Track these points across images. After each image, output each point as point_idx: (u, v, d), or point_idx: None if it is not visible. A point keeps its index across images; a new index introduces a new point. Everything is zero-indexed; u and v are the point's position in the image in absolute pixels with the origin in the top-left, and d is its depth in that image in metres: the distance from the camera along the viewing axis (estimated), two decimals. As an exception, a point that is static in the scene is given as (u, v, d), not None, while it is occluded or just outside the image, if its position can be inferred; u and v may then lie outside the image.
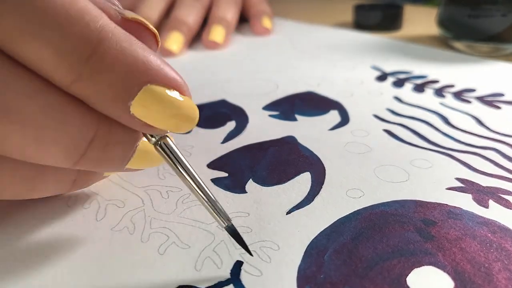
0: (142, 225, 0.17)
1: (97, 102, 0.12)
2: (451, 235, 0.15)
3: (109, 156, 0.13)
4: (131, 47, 0.12)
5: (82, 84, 0.12)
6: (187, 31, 0.40)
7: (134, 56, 0.12)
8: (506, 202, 0.17)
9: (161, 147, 0.13)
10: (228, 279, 0.14)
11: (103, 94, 0.12)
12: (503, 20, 0.32)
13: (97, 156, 0.13)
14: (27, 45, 0.11)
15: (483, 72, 0.31)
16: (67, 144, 0.12)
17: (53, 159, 0.12)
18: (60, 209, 0.18)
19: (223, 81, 0.32)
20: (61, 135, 0.12)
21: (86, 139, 0.12)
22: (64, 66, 0.11)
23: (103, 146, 0.13)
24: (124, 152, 0.13)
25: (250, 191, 0.18)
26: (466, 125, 0.24)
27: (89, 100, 0.12)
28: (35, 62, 0.11)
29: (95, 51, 0.11)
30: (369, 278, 0.14)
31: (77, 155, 0.12)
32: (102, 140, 0.13)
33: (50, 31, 0.11)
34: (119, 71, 0.12)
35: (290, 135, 0.23)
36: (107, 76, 0.12)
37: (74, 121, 0.12)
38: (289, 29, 0.47)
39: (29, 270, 0.15)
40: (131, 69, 0.12)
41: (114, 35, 0.12)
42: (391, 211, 0.17)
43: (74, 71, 0.11)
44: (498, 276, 0.13)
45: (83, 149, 0.12)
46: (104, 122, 0.13)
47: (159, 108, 0.12)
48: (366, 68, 0.33)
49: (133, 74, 0.12)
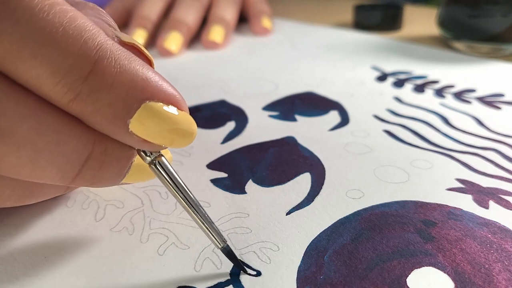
0: (142, 225, 0.17)
1: (96, 121, 0.12)
2: (451, 236, 0.15)
3: (104, 174, 0.13)
4: (130, 64, 0.12)
5: (80, 103, 0.11)
6: (186, 31, 0.40)
7: (133, 73, 0.12)
8: (507, 203, 0.17)
9: (155, 166, 0.13)
10: (228, 280, 0.14)
11: (102, 112, 0.12)
12: (503, 20, 0.32)
13: (92, 174, 0.13)
14: (24, 64, 0.11)
15: (483, 72, 0.31)
16: (63, 164, 0.12)
17: (49, 179, 0.12)
18: (59, 210, 0.18)
19: (222, 81, 0.32)
20: (57, 156, 0.12)
21: (82, 159, 0.12)
22: (62, 85, 0.11)
23: (99, 164, 0.13)
24: (119, 169, 0.13)
25: (249, 191, 0.18)
26: (466, 125, 0.24)
27: (87, 119, 0.12)
28: (32, 81, 0.11)
29: (94, 69, 0.11)
30: (369, 279, 0.14)
31: (73, 174, 0.12)
32: (98, 159, 0.13)
33: (48, 50, 0.11)
34: (119, 89, 0.11)
35: (290, 135, 0.23)
36: (107, 94, 0.11)
37: (70, 141, 0.12)
38: (289, 29, 0.47)
39: (28, 270, 0.15)
40: (131, 87, 0.12)
41: (113, 52, 0.12)
42: (391, 212, 0.17)
43: (73, 90, 0.11)
44: (498, 277, 0.13)
45: (78, 169, 0.12)
46: (100, 140, 0.12)
47: (158, 125, 0.12)
48: (366, 68, 0.33)
49: (132, 92, 0.12)
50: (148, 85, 0.12)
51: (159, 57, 0.38)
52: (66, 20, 0.11)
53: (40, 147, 0.11)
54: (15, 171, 0.12)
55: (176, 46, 0.39)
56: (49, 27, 0.11)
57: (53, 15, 0.11)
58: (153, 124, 0.12)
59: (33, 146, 0.11)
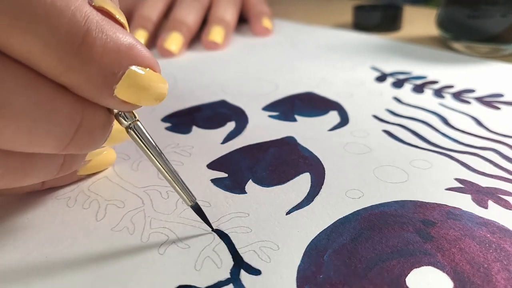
0: (142, 225, 0.17)
1: (86, 90, 0.12)
2: (451, 236, 0.15)
3: (92, 139, 0.14)
4: (115, 34, 0.12)
5: (72, 74, 0.12)
6: (187, 31, 0.40)
7: (118, 42, 0.12)
8: (505, 203, 0.17)
9: (132, 130, 0.14)
10: (228, 279, 0.14)
11: (92, 81, 0.12)
12: (503, 20, 0.32)
13: (83, 140, 0.13)
14: (16, 39, 0.11)
15: (482, 72, 0.31)
16: (58, 132, 0.13)
17: (44, 148, 0.13)
18: (60, 209, 0.18)
19: (223, 82, 0.32)
20: (53, 124, 0.12)
21: (75, 126, 0.13)
22: (54, 58, 0.11)
23: (89, 130, 0.13)
24: (104, 133, 0.14)
25: (249, 191, 0.19)
26: (466, 125, 0.24)
27: (77, 88, 0.12)
28: (25, 55, 0.11)
29: (83, 41, 0.12)
30: (369, 278, 0.14)
31: (66, 141, 0.13)
32: (88, 125, 0.13)
33: (38, 24, 0.11)
34: (107, 59, 0.12)
35: (289, 135, 0.23)
36: (96, 65, 0.12)
37: (64, 109, 0.12)
38: (289, 29, 0.47)
39: (29, 270, 0.15)
40: (117, 56, 0.12)
41: (99, 22, 0.12)
42: (390, 211, 0.17)
43: (65, 62, 0.12)
44: (497, 276, 0.13)
45: (71, 136, 0.13)
46: (89, 108, 0.13)
47: (140, 87, 0.13)
48: (365, 68, 0.33)
49: (119, 60, 0.12)
50: (131, 52, 0.13)
51: (159, 57, 0.38)
52: None
53: (37, 116, 0.12)
54: (13, 142, 0.12)
55: (176, 47, 0.39)
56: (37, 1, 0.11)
57: None
58: (136, 88, 0.13)
59: (30, 116, 0.12)
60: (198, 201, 0.18)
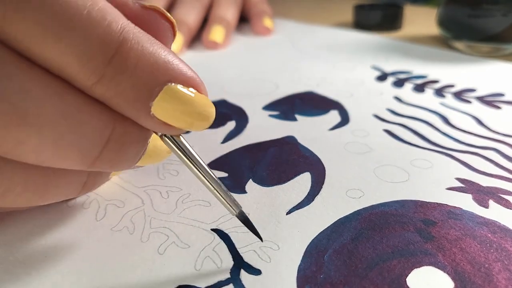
0: (142, 225, 0.17)
1: (118, 103, 0.12)
2: (451, 235, 0.15)
3: (123, 156, 0.13)
4: (153, 47, 0.12)
5: (104, 85, 0.11)
6: (187, 31, 0.40)
7: (155, 55, 0.12)
8: (506, 202, 0.17)
9: (168, 139, 0.13)
10: (228, 279, 0.14)
11: (125, 95, 0.12)
12: (503, 20, 0.32)
13: (111, 156, 0.13)
14: (49, 47, 0.11)
15: (483, 72, 0.31)
16: (84, 146, 0.12)
17: (69, 162, 0.12)
18: (60, 209, 0.18)
19: (223, 81, 0.32)
20: (79, 137, 0.12)
21: (102, 141, 0.12)
22: (87, 68, 0.11)
23: (118, 146, 0.13)
24: (137, 151, 0.13)
25: (250, 191, 0.18)
26: (466, 125, 0.24)
27: (109, 101, 0.12)
28: (57, 65, 0.11)
29: (117, 51, 0.11)
30: (369, 278, 0.14)
31: (93, 157, 0.12)
32: (118, 140, 0.12)
33: (73, 33, 0.11)
34: (142, 72, 0.12)
35: (290, 135, 0.23)
36: (130, 77, 0.11)
37: (92, 122, 0.12)
38: (289, 29, 0.47)
39: (29, 270, 0.15)
40: (153, 69, 0.12)
41: (135, 34, 0.12)
42: (391, 211, 0.17)
43: (97, 73, 0.11)
44: (498, 276, 0.13)
45: (98, 151, 0.12)
46: (120, 123, 0.12)
47: (180, 107, 0.12)
48: (366, 68, 0.33)
49: (154, 74, 0.12)
50: (169, 67, 0.12)
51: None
52: (89, 2, 0.11)
53: (63, 128, 0.11)
54: (36, 155, 0.11)
55: (176, 46, 0.39)
56: (74, 10, 0.11)
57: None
58: (175, 107, 0.12)
59: (55, 127, 0.11)
60: (198, 200, 0.18)
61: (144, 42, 0.12)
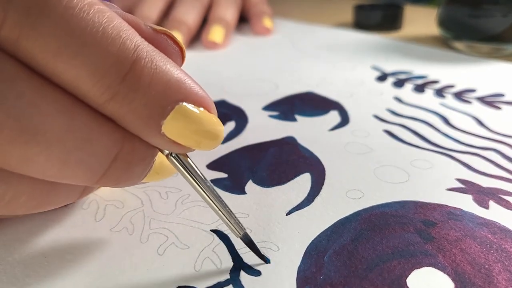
0: (141, 225, 0.17)
1: (130, 121, 0.12)
2: (451, 236, 0.15)
3: (129, 174, 0.13)
4: (166, 65, 0.12)
5: (117, 103, 0.11)
6: (187, 31, 0.40)
7: (168, 74, 0.12)
8: (507, 203, 0.17)
9: (174, 157, 0.13)
10: (228, 280, 0.14)
11: (138, 112, 0.12)
12: (504, 20, 0.32)
13: (118, 174, 0.13)
14: (63, 63, 0.11)
15: (483, 72, 0.31)
16: (92, 164, 0.12)
17: (75, 179, 0.12)
18: (59, 210, 0.18)
19: (222, 81, 0.32)
20: (87, 155, 0.12)
21: (110, 158, 0.12)
22: (101, 85, 0.11)
23: (126, 164, 0.12)
24: (143, 169, 0.13)
25: (249, 192, 0.18)
26: (467, 125, 0.24)
27: (121, 119, 0.12)
28: (71, 81, 0.11)
29: (131, 69, 0.11)
30: (369, 279, 0.14)
31: (99, 174, 0.12)
32: (125, 158, 0.12)
33: (88, 50, 0.11)
34: (155, 90, 0.11)
35: (290, 135, 0.23)
36: (143, 95, 0.11)
37: (101, 139, 0.12)
38: (289, 29, 0.47)
39: (28, 271, 0.15)
40: (166, 88, 0.12)
41: (149, 53, 0.12)
42: (391, 212, 0.17)
43: (111, 90, 0.11)
44: (498, 277, 0.13)
45: (105, 168, 0.12)
46: (128, 140, 0.12)
47: (190, 126, 0.12)
48: (366, 68, 0.33)
49: (167, 93, 0.12)
50: (182, 86, 0.12)
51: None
52: (104, 19, 0.11)
53: (71, 145, 0.11)
54: (43, 171, 0.11)
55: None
56: (90, 26, 0.11)
57: (92, 15, 0.11)
58: (185, 126, 0.12)
59: (64, 144, 0.11)
60: (198, 201, 0.18)
61: (157, 61, 0.12)
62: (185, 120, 0.12)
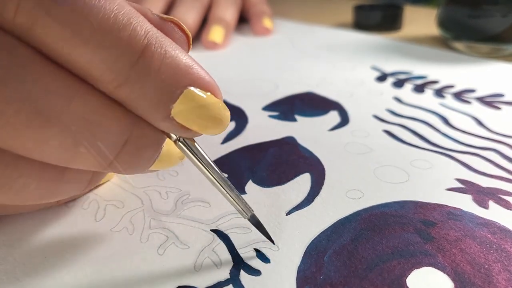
0: (142, 225, 0.17)
1: (140, 106, 0.12)
2: (451, 236, 0.15)
3: (138, 159, 0.13)
4: (174, 51, 0.12)
5: (127, 88, 0.12)
6: (187, 31, 0.40)
7: (177, 59, 0.12)
8: (506, 203, 0.17)
9: (182, 143, 0.14)
10: (228, 279, 0.14)
11: (148, 97, 0.12)
12: (503, 20, 0.32)
13: (127, 159, 0.13)
14: (76, 49, 0.11)
15: (483, 72, 0.31)
16: (103, 148, 0.12)
17: (87, 163, 0.12)
18: (59, 210, 0.18)
19: (222, 81, 0.32)
20: (99, 139, 0.12)
21: (121, 142, 0.12)
22: (112, 70, 0.11)
23: (135, 149, 0.13)
24: (152, 154, 0.14)
25: (249, 192, 0.18)
26: (466, 125, 0.24)
27: (131, 104, 0.12)
28: (83, 67, 0.11)
29: (142, 54, 0.11)
30: (369, 279, 0.14)
31: (110, 159, 0.12)
32: (135, 143, 0.13)
33: (101, 36, 0.11)
34: (165, 74, 0.12)
35: (289, 135, 0.23)
36: (153, 79, 0.12)
37: (112, 124, 0.12)
38: (289, 29, 0.47)
39: (28, 270, 0.15)
40: (175, 72, 0.12)
41: (158, 39, 0.12)
42: (391, 212, 0.17)
43: (122, 75, 0.11)
44: (498, 277, 0.13)
45: (116, 153, 0.12)
46: (138, 126, 0.13)
47: (197, 111, 0.13)
48: (366, 68, 0.33)
49: (176, 77, 0.12)
50: (190, 71, 0.12)
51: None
52: (115, 6, 0.11)
53: (84, 130, 0.12)
54: (56, 156, 0.12)
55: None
56: (102, 13, 0.11)
57: (104, 2, 0.11)
58: (193, 110, 0.12)
59: (77, 128, 0.11)
60: (198, 201, 0.18)
61: (166, 46, 0.12)
62: (193, 104, 0.12)
